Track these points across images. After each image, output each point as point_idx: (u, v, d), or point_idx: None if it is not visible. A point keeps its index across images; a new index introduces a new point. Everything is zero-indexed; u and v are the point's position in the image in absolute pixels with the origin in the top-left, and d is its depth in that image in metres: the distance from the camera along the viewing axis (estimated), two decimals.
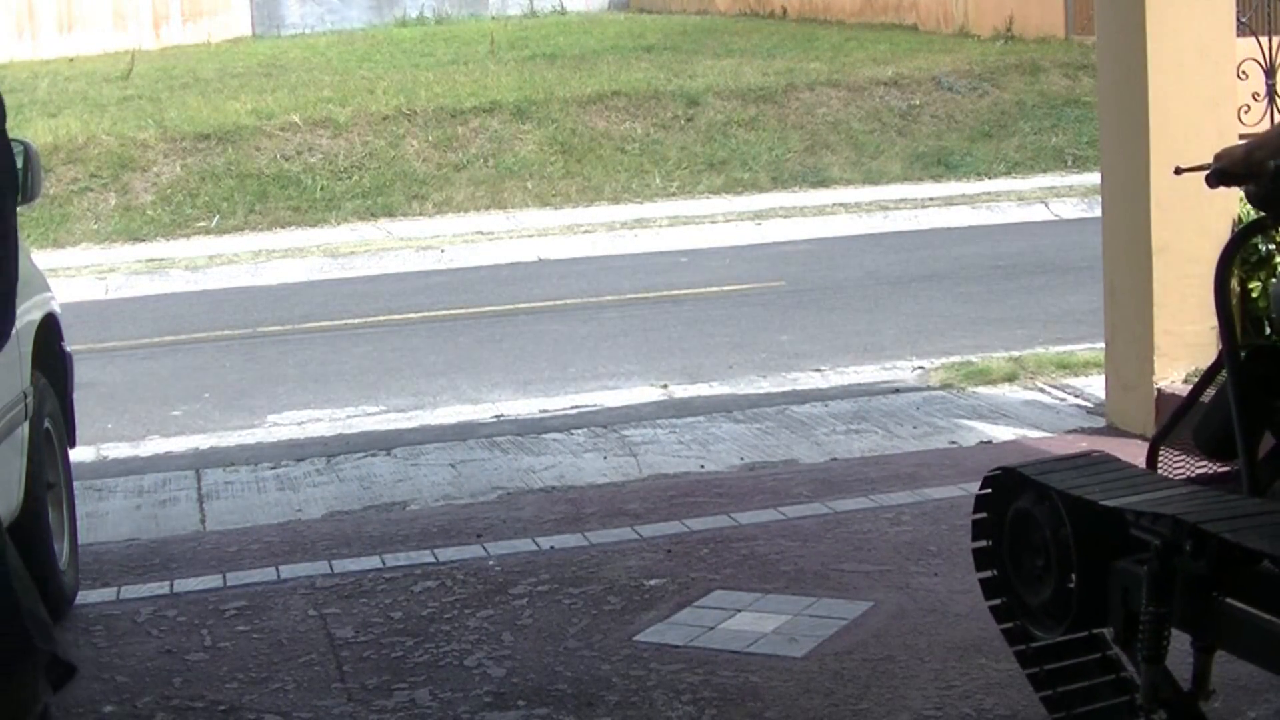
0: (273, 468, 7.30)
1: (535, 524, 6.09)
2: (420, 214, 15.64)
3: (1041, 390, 7.85)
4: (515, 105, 17.40)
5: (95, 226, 15.15)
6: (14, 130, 7.14)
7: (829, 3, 25.63)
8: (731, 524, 5.89)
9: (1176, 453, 3.86)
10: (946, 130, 17.21)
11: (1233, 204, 7.10)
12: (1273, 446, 3.69)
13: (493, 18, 28.06)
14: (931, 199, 14.97)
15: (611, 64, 19.90)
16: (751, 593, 5.14)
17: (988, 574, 3.87)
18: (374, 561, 5.73)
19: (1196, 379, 3.88)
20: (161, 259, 14.16)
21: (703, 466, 6.90)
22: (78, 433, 5.86)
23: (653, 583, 5.30)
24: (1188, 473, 3.82)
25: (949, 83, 18.02)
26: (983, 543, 3.88)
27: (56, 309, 5.65)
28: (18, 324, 5.04)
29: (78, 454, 6.29)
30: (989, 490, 3.85)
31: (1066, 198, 14.45)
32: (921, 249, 12.82)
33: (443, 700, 4.46)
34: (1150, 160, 6.88)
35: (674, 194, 16.07)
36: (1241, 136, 7.26)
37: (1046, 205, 14.41)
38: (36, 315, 5.34)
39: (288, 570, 5.70)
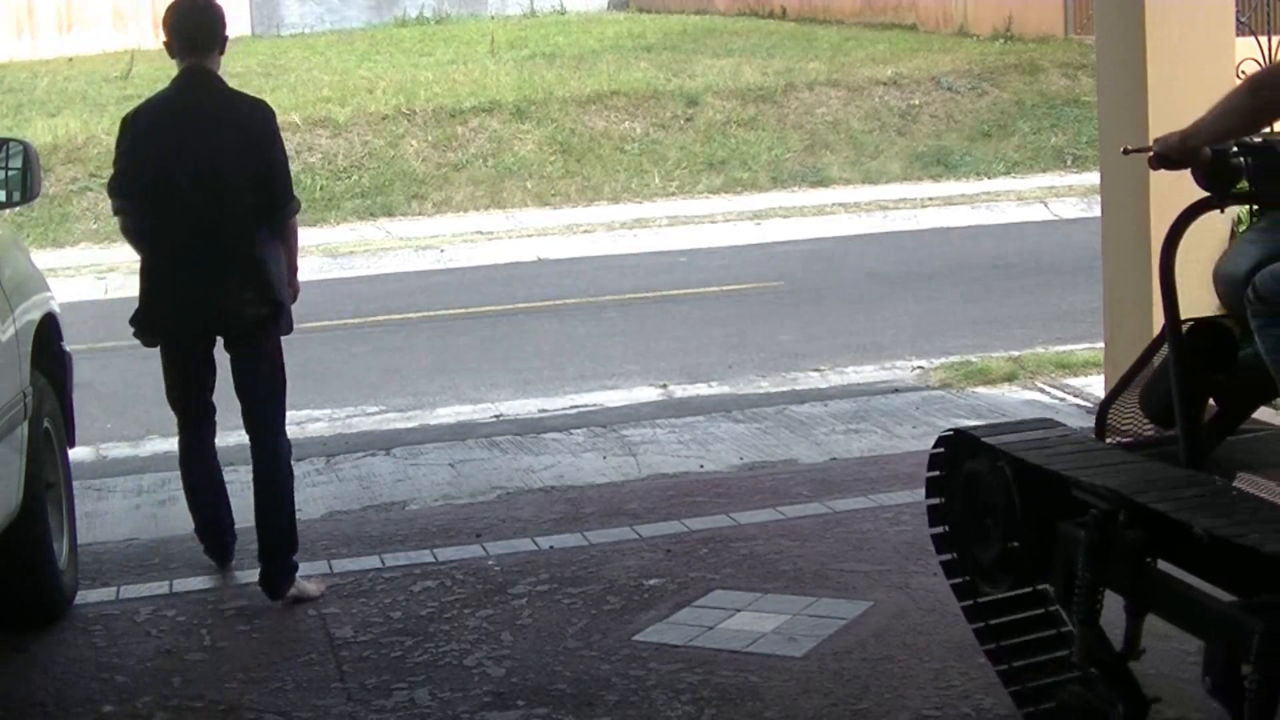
0: None
1: (534, 524, 6.09)
2: (420, 214, 15.64)
3: (1041, 390, 7.85)
4: (514, 105, 17.40)
5: (95, 226, 15.13)
6: (14, 130, 7.12)
7: (828, 2, 25.63)
8: (731, 524, 5.89)
9: (1126, 416, 3.98)
10: (946, 130, 17.21)
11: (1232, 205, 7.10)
12: (1215, 414, 3.82)
13: (492, 17, 28.04)
14: (931, 199, 14.97)
15: (611, 64, 19.89)
16: (751, 592, 5.14)
17: (939, 530, 4.06)
18: (373, 561, 5.73)
19: None
20: None
21: (702, 466, 6.90)
22: (77, 433, 5.86)
23: (652, 582, 5.30)
24: (1136, 435, 3.94)
25: (948, 82, 18.02)
26: (936, 500, 4.08)
27: (56, 309, 5.64)
28: (17, 324, 5.05)
29: (77, 454, 6.29)
30: (942, 450, 4.05)
31: (1066, 197, 14.44)
32: (921, 249, 12.82)
33: (442, 700, 4.46)
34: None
35: (673, 194, 16.06)
36: None
37: (1046, 205, 14.41)
38: (36, 315, 5.34)
39: None
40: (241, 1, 28.44)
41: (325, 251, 14.13)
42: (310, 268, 13.48)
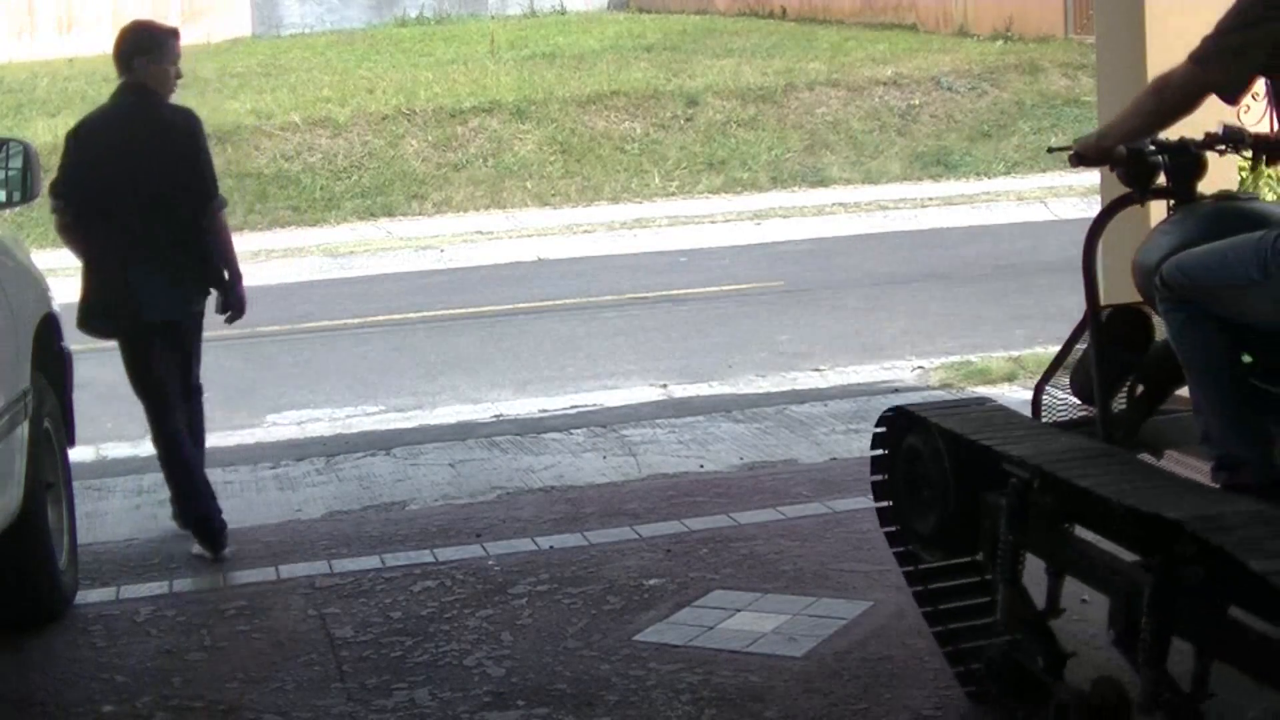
0: (272, 467, 7.30)
1: (534, 524, 6.09)
2: (420, 214, 15.64)
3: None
4: (514, 105, 17.40)
5: None
6: (14, 130, 7.11)
7: (828, 2, 25.63)
8: (731, 524, 5.89)
9: (1061, 395, 4.29)
10: (946, 130, 17.21)
11: None
12: (1140, 394, 4.12)
13: (492, 17, 28.04)
14: (931, 199, 14.97)
15: (611, 64, 19.90)
16: (751, 592, 5.14)
17: (884, 504, 4.32)
18: (373, 561, 5.73)
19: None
20: None
21: (702, 466, 6.90)
22: (77, 432, 5.86)
23: (652, 582, 5.30)
24: (1070, 415, 4.24)
25: (948, 82, 18.02)
26: (880, 477, 4.32)
27: (56, 309, 5.64)
28: (17, 324, 5.06)
29: (77, 454, 6.29)
30: (885, 429, 4.28)
31: (1066, 197, 14.44)
32: (921, 249, 12.82)
33: (442, 700, 4.46)
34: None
35: (673, 194, 16.07)
36: None
37: (1046, 205, 14.41)
38: (36, 315, 5.34)
39: (287, 570, 5.71)
40: (242, 1, 28.46)
41: (325, 251, 14.14)
42: (310, 268, 13.51)
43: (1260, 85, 7.68)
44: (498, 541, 5.89)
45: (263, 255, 14.08)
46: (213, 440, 7.96)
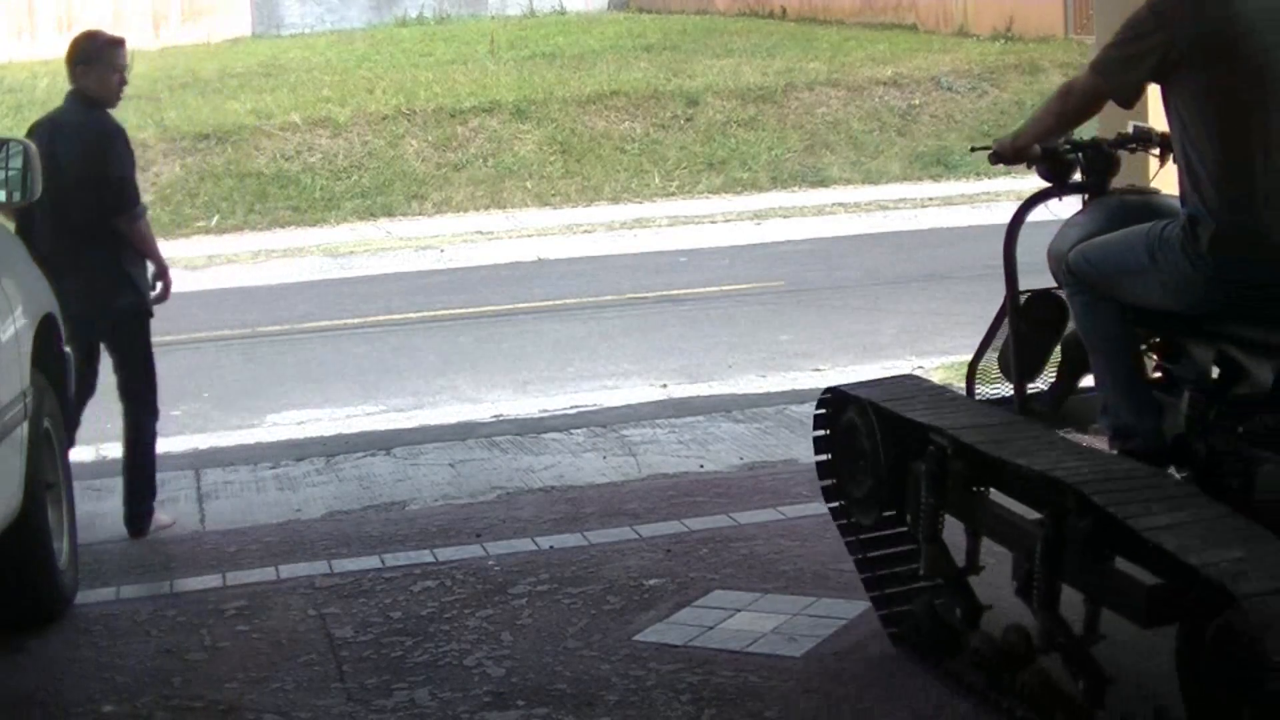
0: (272, 467, 7.30)
1: (535, 524, 6.09)
2: (420, 214, 15.65)
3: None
4: (514, 105, 17.41)
5: None
6: (14, 130, 7.10)
7: (828, 2, 25.65)
8: (731, 524, 5.89)
9: (994, 375, 4.76)
10: (946, 130, 17.22)
11: None
12: (1061, 373, 4.61)
13: (492, 17, 28.06)
14: (931, 199, 14.97)
15: (611, 64, 19.90)
16: (751, 592, 5.14)
17: (828, 482, 4.69)
18: (373, 561, 5.73)
19: None
20: None
21: (702, 466, 6.90)
22: (77, 432, 5.86)
23: (652, 582, 5.30)
24: (1000, 393, 4.71)
25: (948, 82, 18.03)
26: (824, 457, 4.69)
27: (56, 309, 5.64)
28: (17, 324, 5.06)
29: (77, 454, 6.29)
30: (824, 410, 4.66)
31: (1066, 197, 14.41)
32: (921, 249, 12.82)
33: (442, 700, 4.46)
34: (1150, 160, 6.86)
35: (673, 194, 16.07)
36: None
37: (1046, 205, 14.39)
38: (36, 315, 5.34)
39: (287, 570, 5.70)
40: (242, 2, 28.47)
41: (325, 251, 14.14)
42: (310, 268, 13.51)
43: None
44: (498, 541, 5.89)
45: (263, 255, 14.09)
46: (212, 440, 8.00)
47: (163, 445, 7.91)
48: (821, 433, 4.69)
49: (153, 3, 26.68)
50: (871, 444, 4.41)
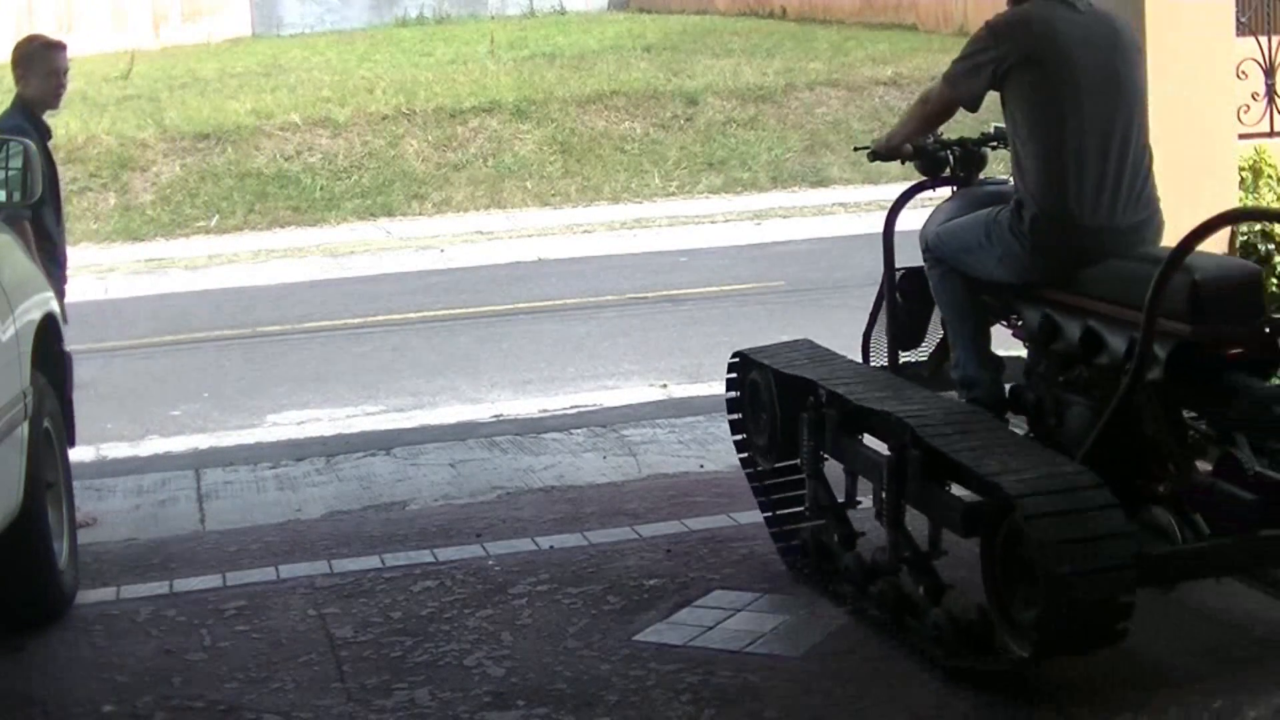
0: (272, 467, 7.30)
1: (535, 524, 6.09)
2: (420, 214, 15.65)
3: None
4: (514, 105, 17.41)
5: (95, 226, 15.15)
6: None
7: (828, 2, 25.64)
8: (731, 524, 5.89)
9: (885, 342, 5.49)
10: (946, 130, 17.19)
11: (1232, 204, 7.10)
12: (940, 341, 5.35)
13: (492, 17, 28.06)
14: (931, 199, 14.95)
15: (611, 64, 19.90)
16: (751, 592, 5.14)
17: (739, 437, 5.48)
18: (373, 561, 5.73)
19: None
20: (161, 259, 14.17)
21: (702, 466, 6.90)
22: (77, 432, 5.86)
23: (652, 582, 5.30)
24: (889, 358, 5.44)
25: None
26: (735, 416, 5.47)
27: (56, 309, 5.65)
28: (18, 324, 5.06)
29: (77, 454, 6.29)
30: (733, 373, 5.46)
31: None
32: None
33: (442, 700, 4.46)
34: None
35: (673, 194, 16.07)
36: (1242, 136, 7.27)
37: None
38: (36, 315, 5.34)
39: (287, 570, 5.70)
40: (242, 2, 28.46)
41: (325, 251, 14.15)
42: (310, 268, 13.52)
43: (1260, 84, 7.68)
44: (498, 541, 5.89)
45: (263, 255, 14.10)
46: (212, 440, 8.00)
47: (163, 445, 7.96)
48: (733, 394, 5.48)
49: (153, 3, 26.68)
50: (769, 398, 5.23)
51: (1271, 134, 7.55)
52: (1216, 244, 7.05)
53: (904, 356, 5.44)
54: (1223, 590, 4.63)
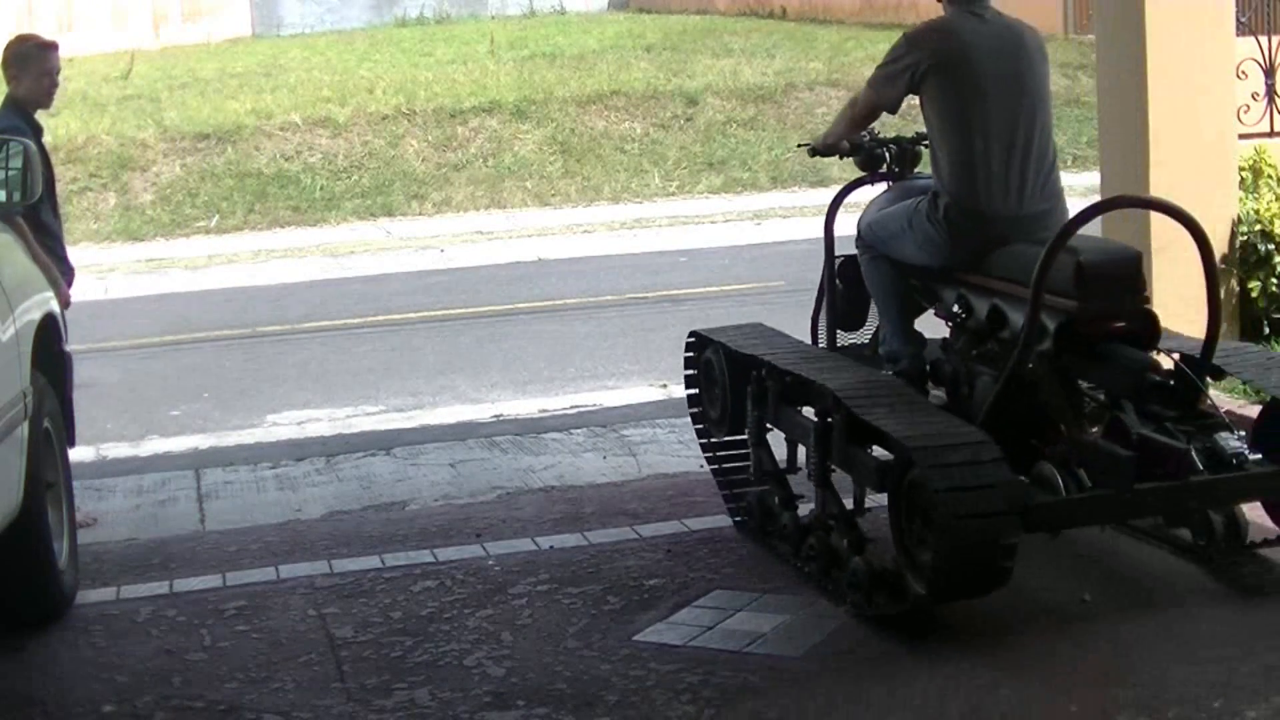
0: (272, 467, 7.30)
1: (535, 524, 6.09)
2: (420, 214, 15.64)
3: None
4: (514, 105, 17.40)
5: (95, 226, 15.15)
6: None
7: (828, 2, 25.64)
8: (731, 524, 5.89)
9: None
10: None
11: (1232, 205, 7.11)
12: (877, 327, 5.77)
13: (492, 17, 28.05)
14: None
15: (611, 64, 19.89)
16: (751, 592, 5.14)
17: (695, 410, 5.98)
18: (373, 561, 5.73)
19: None
20: (161, 259, 14.17)
21: (702, 466, 6.88)
22: (77, 432, 5.86)
23: (652, 582, 5.30)
24: (843, 340, 5.92)
25: None
26: (693, 390, 5.96)
27: (56, 309, 5.65)
28: (18, 324, 5.06)
29: (77, 454, 6.29)
30: (690, 352, 5.96)
31: (1066, 197, 14.40)
32: None
33: (442, 700, 4.46)
34: (1150, 160, 6.88)
35: (673, 194, 16.07)
36: (1242, 136, 7.27)
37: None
38: (36, 315, 5.34)
39: (287, 570, 5.70)
40: (242, 2, 28.46)
41: (325, 251, 14.14)
42: (310, 268, 13.51)
43: (1260, 85, 7.70)
44: (498, 541, 5.89)
45: (263, 255, 14.09)
46: (212, 440, 8.00)
47: (163, 445, 7.95)
48: (690, 371, 5.96)
49: (153, 3, 26.68)
50: (721, 374, 5.71)
51: (1271, 134, 7.54)
52: (1217, 244, 7.06)
53: (850, 338, 5.92)
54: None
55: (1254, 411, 5.53)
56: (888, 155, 5.76)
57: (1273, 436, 4.79)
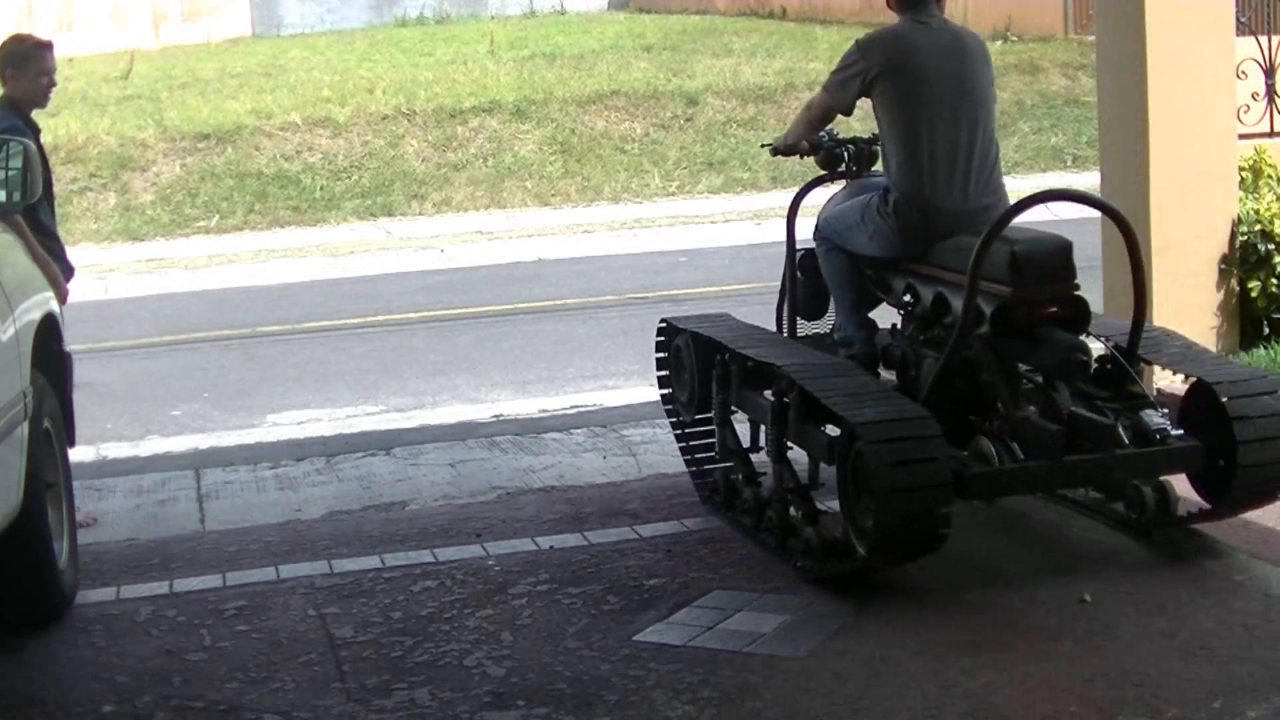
0: (272, 467, 7.30)
1: (535, 524, 6.09)
2: (420, 214, 15.64)
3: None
4: (514, 105, 17.40)
5: (95, 226, 15.15)
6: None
7: (828, 2, 25.63)
8: (731, 524, 5.89)
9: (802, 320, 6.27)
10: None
11: (1232, 204, 7.11)
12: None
13: (492, 17, 28.04)
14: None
15: (611, 64, 19.89)
16: (751, 592, 5.14)
17: (665, 391, 6.33)
18: (373, 561, 5.73)
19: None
20: (161, 259, 14.17)
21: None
22: (77, 432, 5.86)
23: (652, 582, 5.30)
24: (809, 329, 6.22)
25: None
26: (664, 373, 6.29)
27: (56, 309, 5.65)
28: (18, 324, 5.06)
29: (78, 454, 6.29)
30: (662, 338, 6.30)
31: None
32: None
33: (442, 700, 4.46)
34: (1150, 160, 6.88)
35: (673, 194, 16.07)
36: (1242, 136, 7.27)
37: (1046, 206, 14.37)
38: (36, 315, 5.34)
39: (287, 570, 5.70)
40: (242, 2, 28.45)
41: (325, 251, 14.14)
42: (310, 268, 13.52)
43: (1260, 84, 7.71)
44: (498, 541, 5.89)
45: (263, 255, 14.09)
46: (212, 440, 8.00)
47: (163, 445, 7.95)
48: (662, 355, 6.28)
49: (153, 3, 26.68)
50: (690, 359, 6.03)
51: (1271, 134, 7.54)
52: (1217, 244, 7.07)
53: (812, 327, 6.23)
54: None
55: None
56: (846, 155, 6.07)
57: (1197, 415, 5.14)
